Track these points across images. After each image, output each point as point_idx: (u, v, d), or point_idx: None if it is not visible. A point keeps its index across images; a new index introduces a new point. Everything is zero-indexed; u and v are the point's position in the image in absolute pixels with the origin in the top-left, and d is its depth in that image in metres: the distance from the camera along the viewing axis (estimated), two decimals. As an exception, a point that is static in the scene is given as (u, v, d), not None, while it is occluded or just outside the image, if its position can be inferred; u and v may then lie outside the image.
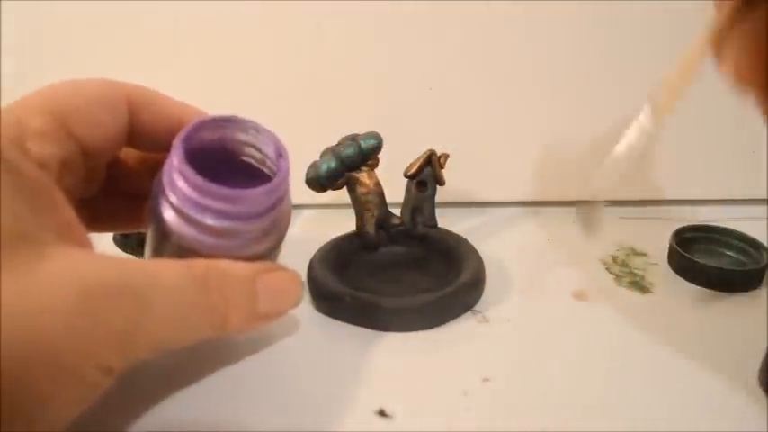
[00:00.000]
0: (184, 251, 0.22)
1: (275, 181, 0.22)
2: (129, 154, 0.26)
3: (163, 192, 0.22)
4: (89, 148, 0.22)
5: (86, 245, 0.20)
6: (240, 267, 0.21)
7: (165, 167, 0.22)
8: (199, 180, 0.21)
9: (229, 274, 0.21)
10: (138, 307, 0.18)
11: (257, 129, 0.24)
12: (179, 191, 0.21)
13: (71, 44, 0.41)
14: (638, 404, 0.25)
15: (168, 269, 0.20)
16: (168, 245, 0.22)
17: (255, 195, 0.21)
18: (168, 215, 0.22)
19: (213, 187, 0.21)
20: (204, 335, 0.21)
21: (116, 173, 0.26)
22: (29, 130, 0.20)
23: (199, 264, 0.20)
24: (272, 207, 0.22)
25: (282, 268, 0.23)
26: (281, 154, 0.23)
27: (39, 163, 0.19)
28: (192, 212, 0.21)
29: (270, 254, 0.24)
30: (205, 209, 0.21)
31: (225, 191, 0.21)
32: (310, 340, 0.30)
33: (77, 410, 0.19)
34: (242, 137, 0.24)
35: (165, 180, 0.22)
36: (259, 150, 0.24)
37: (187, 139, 0.22)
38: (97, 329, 0.17)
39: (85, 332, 0.17)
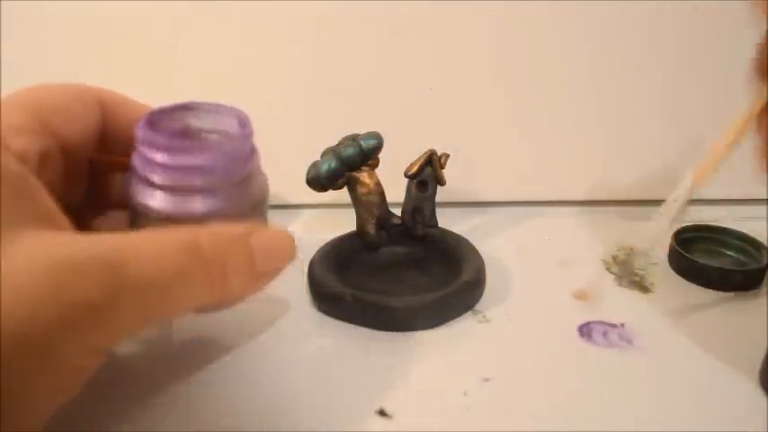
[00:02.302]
0: None
1: (240, 134, 0.23)
2: (111, 165, 0.26)
3: (139, 179, 0.22)
4: (67, 143, 0.23)
5: (67, 230, 0.20)
6: (231, 227, 0.21)
7: (134, 158, 0.23)
8: (169, 141, 0.21)
9: (222, 233, 0.21)
10: (115, 279, 0.17)
11: (217, 110, 0.24)
12: (156, 165, 0.22)
13: (71, 45, 0.41)
14: (638, 404, 0.25)
15: (148, 237, 0.19)
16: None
17: (226, 145, 0.23)
18: (152, 199, 0.22)
19: (182, 143, 0.22)
20: (203, 300, 0.20)
21: (99, 185, 0.26)
22: (8, 125, 0.20)
23: (185, 229, 0.20)
24: (246, 159, 0.23)
25: (271, 227, 0.23)
26: (244, 125, 0.24)
27: (19, 156, 0.20)
28: (173, 178, 0.22)
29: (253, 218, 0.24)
30: (184, 171, 0.22)
31: (195, 143, 0.22)
32: (310, 340, 0.30)
33: (64, 398, 0.18)
34: (204, 124, 0.24)
35: (138, 164, 0.22)
36: (223, 134, 0.25)
37: (149, 123, 0.22)
38: (73, 307, 0.17)
39: (60, 311, 0.17)
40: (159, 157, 0.22)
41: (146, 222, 0.23)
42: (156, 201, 0.22)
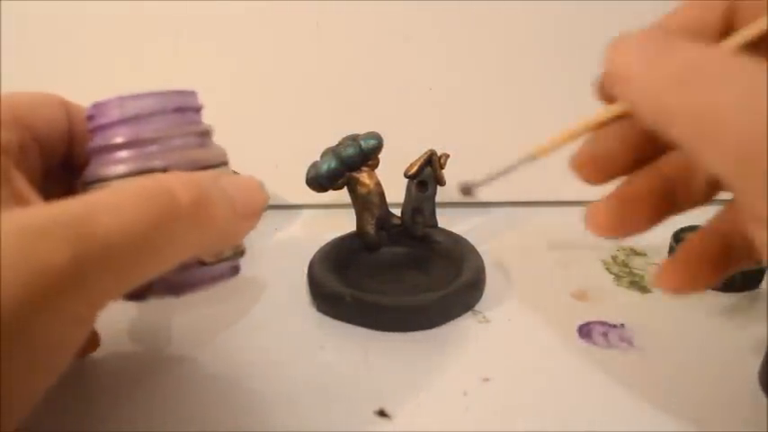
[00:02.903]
0: None
1: (185, 90, 0.24)
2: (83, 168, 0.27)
3: (97, 157, 0.22)
4: (41, 138, 0.23)
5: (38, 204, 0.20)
6: (197, 173, 0.21)
7: (90, 143, 0.22)
8: (120, 97, 0.22)
9: (192, 175, 0.20)
10: (81, 239, 0.16)
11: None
12: (112, 125, 0.22)
13: (71, 45, 0.41)
14: (638, 404, 0.25)
15: (113, 190, 0.18)
16: None
17: (173, 91, 0.23)
18: (108, 167, 0.22)
19: (131, 95, 0.22)
20: (193, 245, 0.19)
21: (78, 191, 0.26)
22: None
23: (150, 177, 0.19)
24: (195, 112, 0.24)
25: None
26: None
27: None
28: (128, 131, 0.22)
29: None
30: (138, 120, 0.22)
31: (144, 92, 0.22)
32: (310, 340, 0.30)
33: (51, 377, 0.18)
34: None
35: (93, 143, 0.22)
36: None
37: (95, 113, 0.22)
38: (41, 274, 0.16)
39: (28, 280, 0.16)
40: (114, 112, 0.22)
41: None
42: (112, 166, 0.22)
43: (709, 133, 0.16)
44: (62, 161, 0.25)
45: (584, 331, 0.30)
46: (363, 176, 0.34)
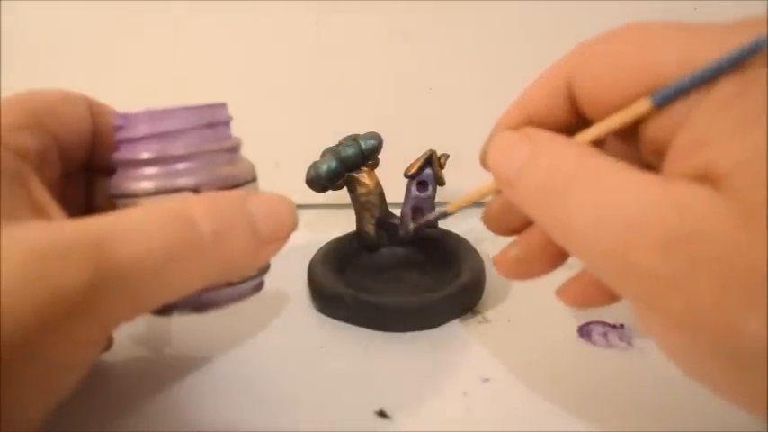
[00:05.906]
0: None
1: (215, 103, 0.23)
2: (105, 171, 0.26)
3: (123, 169, 0.22)
4: (62, 143, 0.23)
5: (57, 219, 0.20)
6: (225, 193, 0.21)
7: (116, 154, 0.22)
8: (149, 111, 0.21)
9: (216, 199, 0.20)
10: (99, 263, 0.16)
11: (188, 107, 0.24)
12: (140, 140, 0.21)
13: (71, 46, 0.41)
14: (638, 404, 0.25)
15: (133, 213, 0.18)
16: None
17: (203, 105, 0.22)
18: (136, 183, 0.21)
19: (161, 109, 0.21)
20: (205, 275, 0.19)
21: (98, 194, 0.26)
22: (7, 123, 0.20)
23: (174, 200, 0.19)
24: (225, 126, 0.23)
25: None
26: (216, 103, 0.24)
27: (18, 153, 0.20)
28: (158, 147, 0.21)
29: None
30: (168, 137, 0.21)
31: (175, 107, 0.22)
32: (310, 340, 0.30)
33: (58, 397, 0.18)
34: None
35: (120, 154, 0.22)
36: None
37: (124, 124, 0.22)
38: (55, 297, 0.15)
39: (41, 302, 0.15)
40: (143, 126, 0.21)
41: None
42: (140, 182, 0.21)
43: (570, 245, 0.18)
44: (83, 164, 0.25)
45: (585, 331, 0.30)
46: (363, 176, 0.34)
